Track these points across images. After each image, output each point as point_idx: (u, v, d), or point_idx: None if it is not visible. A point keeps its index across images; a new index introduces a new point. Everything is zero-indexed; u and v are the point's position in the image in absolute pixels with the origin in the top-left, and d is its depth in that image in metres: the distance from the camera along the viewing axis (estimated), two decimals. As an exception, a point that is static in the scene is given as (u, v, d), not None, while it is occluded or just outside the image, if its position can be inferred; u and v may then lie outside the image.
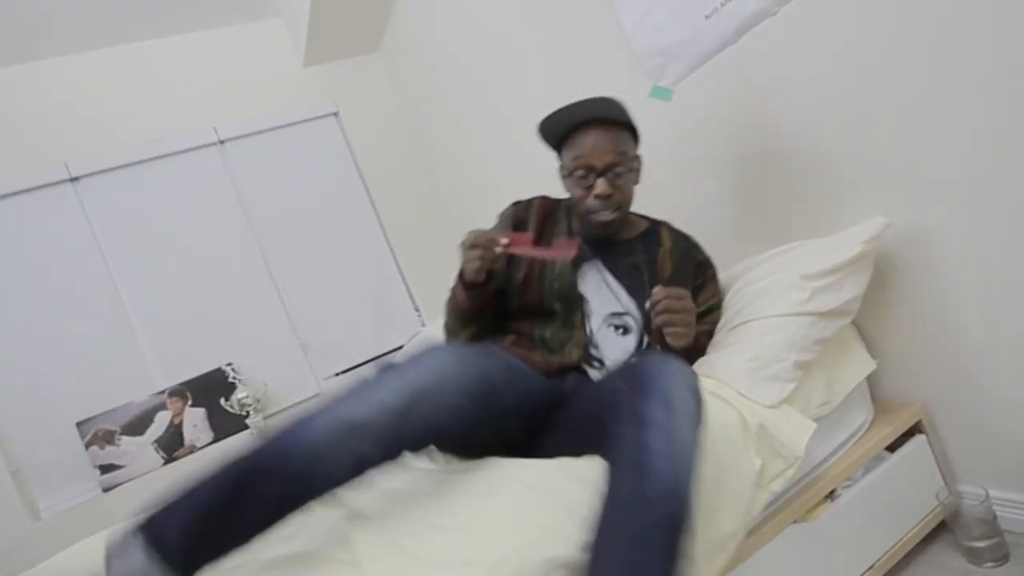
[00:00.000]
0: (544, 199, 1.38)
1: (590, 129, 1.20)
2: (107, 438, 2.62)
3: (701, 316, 1.25)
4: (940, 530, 1.23)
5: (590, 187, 1.20)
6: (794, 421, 1.06)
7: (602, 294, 1.27)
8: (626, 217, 1.29)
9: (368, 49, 3.29)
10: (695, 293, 1.27)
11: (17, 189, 2.64)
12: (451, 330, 1.30)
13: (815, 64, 1.23)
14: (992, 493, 1.17)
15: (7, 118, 2.67)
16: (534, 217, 1.34)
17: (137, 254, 2.80)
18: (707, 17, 1.38)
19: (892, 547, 1.17)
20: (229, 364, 2.82)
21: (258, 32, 3.14)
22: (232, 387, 2.78)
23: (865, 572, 1.13)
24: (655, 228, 1.37)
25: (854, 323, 1.26)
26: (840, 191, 1.28)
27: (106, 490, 2.56)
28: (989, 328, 1.12)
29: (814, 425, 1.06)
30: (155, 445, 2.67)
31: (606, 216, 1.22)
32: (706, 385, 1.06)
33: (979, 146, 1.03)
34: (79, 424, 2.59)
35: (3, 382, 2.54)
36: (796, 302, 1.13)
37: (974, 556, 1.13)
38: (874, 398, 1.32)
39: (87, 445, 2.58)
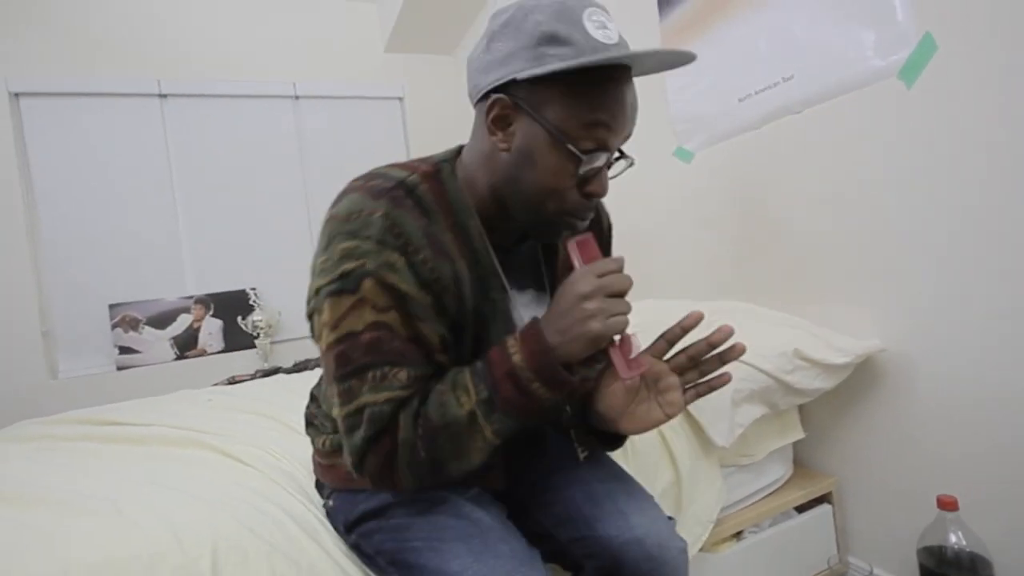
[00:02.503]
0: (426, 176, 0.68)
1: (623, 82, 0.61)
2: (132, 324, 2.62)
3: None
4: (823, 590, 1.24)
5: (589, 178, 0.63)
6: (716, 486, 1.08)
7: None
8: None
9: (444, 50, 3.29)
10: None
11: (112, 91, 2.65)
12: (462, 469, 0.64)
13: (821, 160, 1.23)
14: (875, 570, 1.18)
15: (116, 27, 2.68)
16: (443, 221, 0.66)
17: (200, 174, 2.80)
18: (740, 100, 1.39)
19: (779, 593, 1.18)
20: (253, 288, 2.83)
21: (353, 10, 3.15)
22: (251, 309, 2.79)
23: (750, 609, 1.14)
24: None
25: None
26: (818, 272, 1.28)
27: (120, 369, 2.57)
28: (905, 430, 1.13)
29: (724, 497, 1.09)
30: (172, 341, 2.68)
31: (582, 223, 0.67)
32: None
33: (940, 267, 1.03)
34: (111, 306, 2.59)
35: (57, 255, 2.55)
36: (780, 369, 1.10)
37: (846, 620, 1.14)
38: (797, 462, 1.33)
39: (113, 326, 2.59)
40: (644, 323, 1.38)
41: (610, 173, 0.67)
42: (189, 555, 0.72)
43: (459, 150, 0.73)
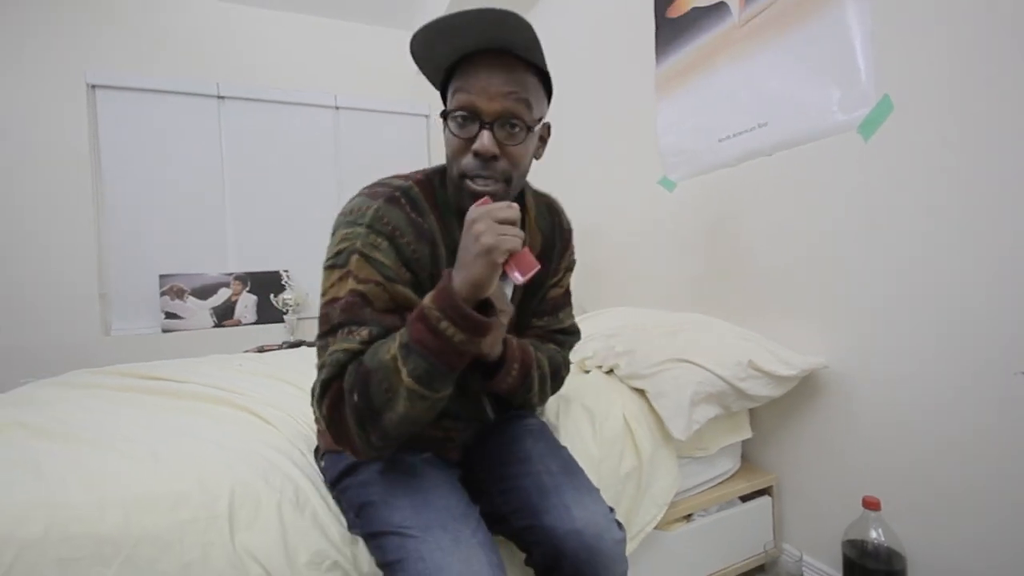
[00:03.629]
0: (419, 182, 0.75)
1: (484, 60, 0.66)
2: (178, 293, 2.62)
3: (543, 317, 0.86)
4: (757, 571, 1.24)
5: (470, 139, 0.66)
6: (672, 474, 1.08)
7: None
8: (509, 198, 0.71)
9: (467, 77, 3.28)
10: (550, 285, 0.87)
11: (176, 90, 2.64)
12: (401, 429, 0.63)
13: (785, 197, 1.23)
14: (805, 557, 1.18)
15: (184, 34, 2.68)
16: (435, 222, 0.72)
17: (247, 167, 2.80)
18: (720, 140, 1.39)
19: (720, 569, 1.18)
20: (286, 270, 2.83)
21: (390, 36, 3.15)
22: (282, 288, 2.79)
23: (693, 581, 1.14)
24: (522, 194, 0.83)
25: (749, 399, 1.26)
26: (775, 294, 1.28)
27: (164, 331, 2.57)
28: (840, 438, 1.13)
29: (679, 483, 1.09)
30: (211, 311, 2.68)
31: (483, 187, 0.66)
32: (630, 415, 1.09)
33: (881, 300, 1.04)
34: (161, 276, 2.59)
35: (118, 229, 2.55)
36: (734, 376, 1.10)
37: (776, 598, 1.14)
38: (744, 458, 1.33)
39: (162, 294, 2.59)
40: (627, 327, 1.40)
41: (512, 140, 0.67)
42: (210, 496, 0.72)
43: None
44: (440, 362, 0.60)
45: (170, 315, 2.59)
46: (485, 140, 0.65)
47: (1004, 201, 0.85)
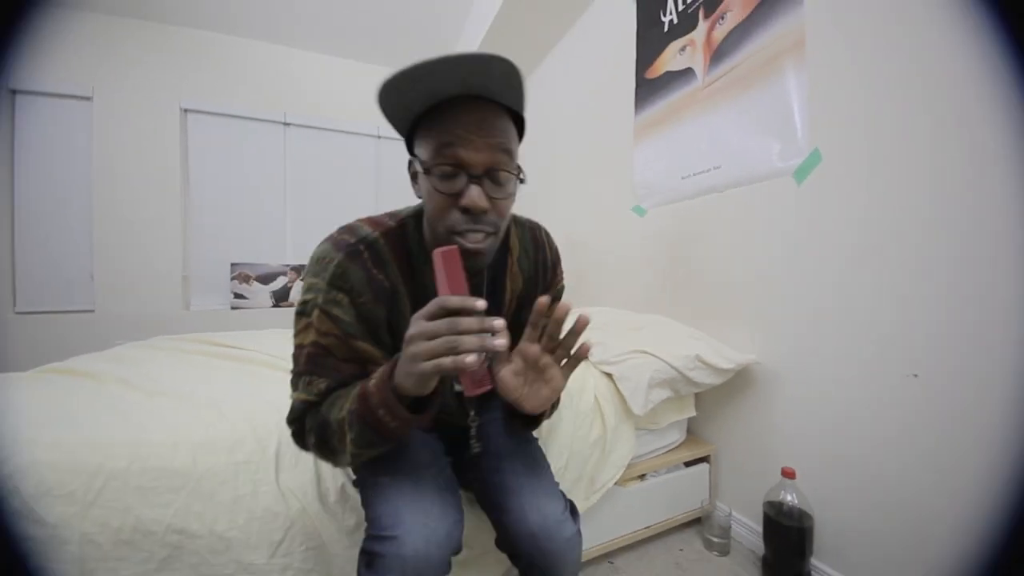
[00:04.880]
0: (386, 232, 0.62)
1: (465, 107, 0.51)
2: (244, 279, 2.62)
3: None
4: (695, 523, 1.24)
5: (456, 195, 0.52)
6: (630, 442, 1.08)
7: None
8: (495, 248, 0.57)
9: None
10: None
11: (251, 116, 2.64)
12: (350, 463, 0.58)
13: (732, 226, 1.23)
14: (734, 513, 1.18)
15: (259, 70, 2.67)
16: (397, 272, 0.60)
17: (305, 180, 2.80)
18: (682, 178, 1.39)
19: (665, 520, 1.18)
20: (332, 265, 2.82)
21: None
22: (328, 279, 2.78)
23: (645, 528, 1.14)
24: (507, 234, 0.68)
25: (695, 385, 1.26)
26: (720, 303, 1.28)
27: (232, 308, 2.57)
28: (765, 419, 1.13)
29: (635, 449, 1.09)
30: (271, 293, 2.68)
31: (476, 243, 0.53)
32: (600, 393, 1.08)
33: (803, 312, 1.03)
34: (232, 264, 2.59)
35: (200, 225, 2.55)
36: (684, 366, 1.10)
37: (709, 545, 1.14)
38: (689, 431, 1.33)
39: (232, 278, 2.59)
40: (602, 323, 1.40)
41: (501, 192, 0.53)
42: (260, 444, 0.72)
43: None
44: (379, 436, 0.52)
45: (238, 296, 2.59)
46: (475, 196, 0.51)
47: (906, 236, 0.85)
